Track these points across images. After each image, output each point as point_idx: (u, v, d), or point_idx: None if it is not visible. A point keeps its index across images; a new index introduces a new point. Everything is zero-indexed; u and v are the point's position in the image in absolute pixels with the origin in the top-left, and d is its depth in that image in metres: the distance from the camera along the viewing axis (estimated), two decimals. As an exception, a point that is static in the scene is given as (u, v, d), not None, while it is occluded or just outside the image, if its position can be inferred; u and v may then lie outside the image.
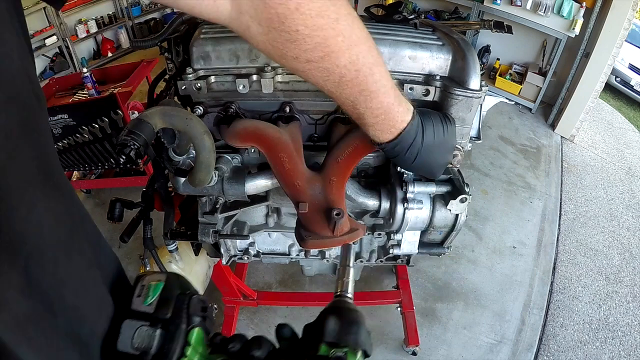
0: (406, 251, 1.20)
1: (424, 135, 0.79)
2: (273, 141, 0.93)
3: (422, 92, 1.01)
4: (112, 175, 3.45)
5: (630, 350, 2.61)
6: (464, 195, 1.01)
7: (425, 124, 0.80)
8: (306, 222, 0.95)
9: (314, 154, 1.08)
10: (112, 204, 1.27)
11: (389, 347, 2.48)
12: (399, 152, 0.79)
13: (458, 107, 0.99)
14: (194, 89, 0.98)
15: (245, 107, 1.06)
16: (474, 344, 2.53)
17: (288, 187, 0.95)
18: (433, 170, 0.90)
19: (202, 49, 0.99)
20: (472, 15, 4.62)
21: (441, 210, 1.08)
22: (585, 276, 3.06)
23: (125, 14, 6.13)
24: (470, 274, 2.94)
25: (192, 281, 1.66)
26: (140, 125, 0.74)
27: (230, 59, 0.99)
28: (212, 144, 0.83)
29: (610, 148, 4.69)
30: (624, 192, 3.94)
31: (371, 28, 1.05)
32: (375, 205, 1.11)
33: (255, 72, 0.99)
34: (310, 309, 2.64)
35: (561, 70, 4.54)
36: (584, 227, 3.48)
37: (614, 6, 3.76)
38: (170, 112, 0.78)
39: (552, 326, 2.70)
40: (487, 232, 3.28)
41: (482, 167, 3.96)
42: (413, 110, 0.77)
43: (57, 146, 2.97)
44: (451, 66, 1.03)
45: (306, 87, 1.03)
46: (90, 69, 3.26)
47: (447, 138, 0.86)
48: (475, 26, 1.63)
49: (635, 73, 6.44)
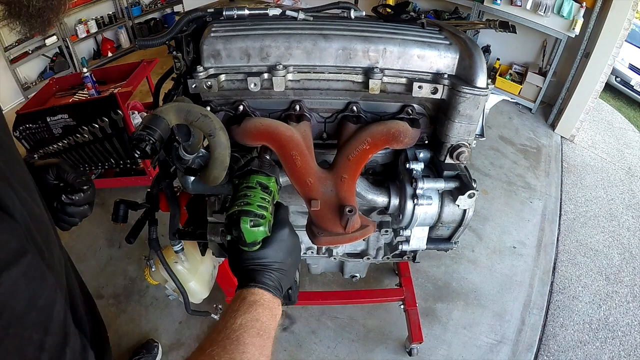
0: (415, 247, 1.21)
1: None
2: (285, 139, 0.93)
3: (430, 91, 1.02)
4: (112, 175, 3.44)
5: (630, 350, 2.62)
6: (472, 190, 1.02)
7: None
8: (318, 219, 0.96)
9: (324, 151, 1.09)
10: (117, 205, 1.26)
11: (389, 347, 2.49)
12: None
13: (465, 105, 1.00)
14: (205, 87, 0.98)
15: (255, 106, 1.07)
16: (474, 344, 2.54)
17: (300, 185, 0.95)
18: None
19: (213, 47, 0.99)
20: (472, 15, 4.63)
21: (449, 206, 1.09)
22: (585, 276, 3.07)
23: (125, 14, 6.13)
24: (470, 274, 2.95)
25: (197, 281, 1.66)
26: (156, 121, 0.74)
27: (241, 57, 0.99)
28: (227, 140, 0.83)
29: (610, 148, 4.71)
30: (624, 192, 3.96)
31: (380, 27, 1.06)
32: (385, 202, 1.12)
33: (267, 70, 0.99)
34: (310, 308, 2.65)
35: (561, 70, 4.55)
36: (584, 227, 3.49)
37: (614, 6, 3.77)
38: (185, 108, 0.78)
39: (552, 326, 2.71)
40: (487, 232, 3.29)
41: (482, 167, 3.97)
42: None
43: (57, 146, 2.97)
44: (458, 65, 1.04)
45: (316, 86, 1.04)
46: (90, 69, 3.26)
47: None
48: (479, 26, 1.64)
49: (635, 73, 6.47)
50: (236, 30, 1.00)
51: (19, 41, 4.89)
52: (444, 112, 1.06)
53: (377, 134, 1.00)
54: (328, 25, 1.04)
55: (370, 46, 1.00)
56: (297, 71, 1.01)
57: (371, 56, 1.01)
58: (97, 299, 2.69)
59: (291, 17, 1.08)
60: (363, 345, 2.49)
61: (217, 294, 2.23)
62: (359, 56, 1.01)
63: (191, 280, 1.62)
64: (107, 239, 3.10)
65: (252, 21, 1.06)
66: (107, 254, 3.01)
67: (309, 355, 2.43)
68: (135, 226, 1.33)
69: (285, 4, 4.49)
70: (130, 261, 2.94)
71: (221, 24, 1.04)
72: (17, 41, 4.88)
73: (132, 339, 2.49)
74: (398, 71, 1.03)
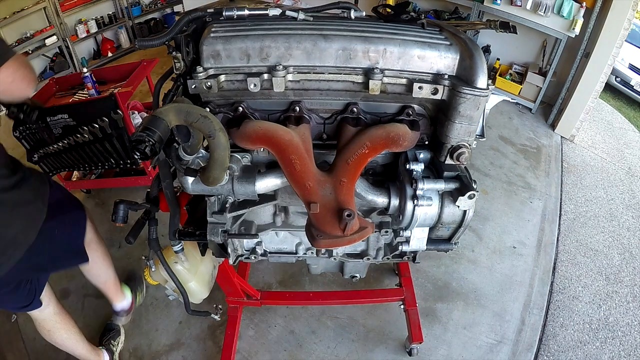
0: (415, 247, 1.21)
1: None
2: (284, 143, 0.93)
3: (430, 91, 1.02)
4: (112, 175, 3.44)
5: (630, 350, 2.62)
6: (472, 191, 1.02)
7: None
8: (317, 222, 0.96)
9: (324, 152, 1.09)
10: (116, 206, 1.26)
11: (389, 347, 2.48)
12: None
13: (466, 106, 1.00)
14: (204, 88, 0.98)
15: (255, 107, 1.07)
16: (474, 344, 2.54)
17: (299, 188, 0.95)
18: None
19: (213, 47, 0.99)
20: (472, 15, 4.63)
21: (449, 207, 1.09)
22: (585, 276, 3.07)
23: (125, 14, 6.13)
24: (470, 274, 2.95)
25: (197, 281, 1.66)
26: (155, 122, 0.74)
27: (241, 58, 0.99)
28: (227, 141, 0.84)
29: (610, 148, 4.70)
30: (624, 192, 3.96)
31: (380, 28, 1.06)
32: (385, 203, 1.12)
33: (267, 70, 0.99)
34: (310, 308, 2.65)
35: (561, 70, 4.55)
36: (584, 227, 3.49)
37: (614, 6, 3.77)
38: (185, 109, 0.78)
39: (552, 326, 2.71)
40: (487, 232, 3.28)
41: (482, 167, 3.96)
42: None
43: (57, 146, 2.97)
44: (459, 65, 1.04)
45: (316, 87, 1.04)
46: (90, 69, 3.25)
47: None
48: (480, 26, 1.64)
49: (635, 73, 6.47)
50: (236, 30, 1.00)
51: (19, 41, 4.89)
52: (444, 113, 1.06)
53: (376, 137, 1.00)
54: (328, 25, 1.04)
55: (370, 46, 1.00)
56: (297, 72, 1.01)
57: (371, 57, 1.01)
58: (97, 299, 2.69)
59: (291, 18, 1.08)
60: (363, 345, 2.49)
61: (217, 294, 2.23)
62: (359, 57, 1.01)
63: (191, 280, 1.62)
64: (107, 239, 3.10)
65: (252, 21, 1.06)
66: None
67: (309, 355, 2.43)
68: (135, 226, 1.33)
69: (285, 4, 4.49)
70: (131, 261, 2.94)
71: (221, 24, 1.03)
72: (17, 41, 4.88)
73: (132, 339, 2.49)
74: (398, 72, 1.03)
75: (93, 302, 2.70)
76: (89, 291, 2.76)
